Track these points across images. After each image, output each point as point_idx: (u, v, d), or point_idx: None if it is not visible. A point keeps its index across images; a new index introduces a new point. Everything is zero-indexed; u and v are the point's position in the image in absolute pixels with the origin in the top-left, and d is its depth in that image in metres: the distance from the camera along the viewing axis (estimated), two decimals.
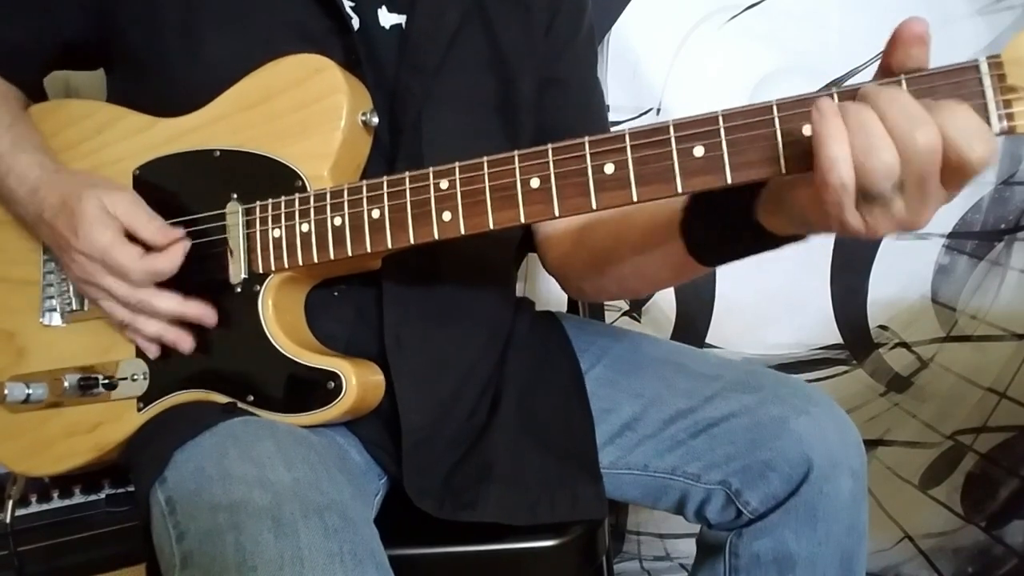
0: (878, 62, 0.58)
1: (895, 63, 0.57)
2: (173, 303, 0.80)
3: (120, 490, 1.15)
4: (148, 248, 0.80)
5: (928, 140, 0.52)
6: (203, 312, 0.80)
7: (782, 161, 0.60)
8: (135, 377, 0.83)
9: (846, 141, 0.54)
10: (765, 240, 0.67)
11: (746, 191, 0.65)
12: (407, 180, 0.74)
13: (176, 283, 0.81)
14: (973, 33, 1.41)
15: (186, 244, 0.80)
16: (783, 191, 0.62)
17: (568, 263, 0.95)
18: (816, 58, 1.41)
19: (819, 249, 1.51)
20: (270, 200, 0.79)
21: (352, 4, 0.85)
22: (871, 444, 1.57)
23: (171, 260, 0.79)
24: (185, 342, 0.81)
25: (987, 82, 0.55)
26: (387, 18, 0.86)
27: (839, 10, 1.42)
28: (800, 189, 0.60)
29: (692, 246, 0.73)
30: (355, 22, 0.85)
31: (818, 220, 0.59)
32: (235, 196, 0.81)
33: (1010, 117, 0.55)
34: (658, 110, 1.45)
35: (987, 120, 0.55)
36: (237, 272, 0.80)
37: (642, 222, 0.80)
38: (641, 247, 0.81)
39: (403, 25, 0.86)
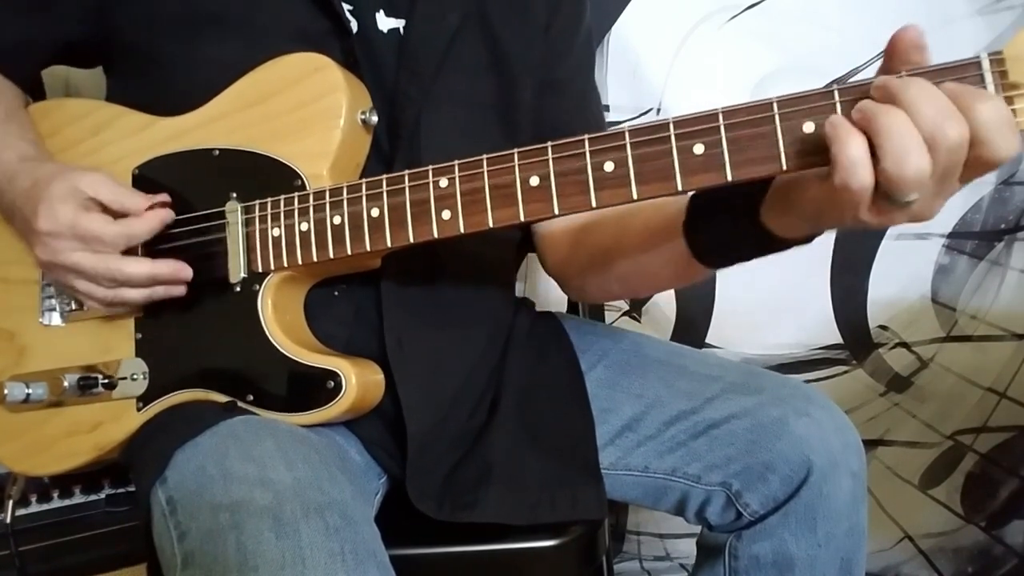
0: (878, 63, 0.58)
1: (894, 72, 0.56)
2: (145, 266, 0.79)
3: (120, 490, 1.15)
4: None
5: (959, 136, 0.52)
6: (177, 268, 0.80)
7: (783, 159, 0.60)
8: (135, 376, 0.83)
9: (863, 143, 0.54)
10: (770, 243, 0.66)
11: (752, 193, 0.65)
12: (406, 178, 0.73)
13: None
14: (973, 33, 1.41)
15: (168, 213, 0.80)
16: (791, 191, 0.62)
17: (568, 264, 0.95)
18: (816, 58, 1.41)
19: (819, 249, 1.48)
20: (269, 199, 0.79)
21: (350, 8, 0.85)
22: (871, 444, 1.57)
23: (148, 223, 0.79)
24: (177, 289, 0.81)
25: (988, 79, 0.55)
26: (385, 22, 0.86)
27: (839, 10, 1.42)
28: (811, 188, 0.60)
29: (695, 247, 0.72)
30: (353, 26, 0.84)
31: (832, 217, 0.59)
32: (234, 195, 0.81)
33: (1012, 114, 0.54)
34: (658, 110, 1.45)
35: None
36: (236, 271, 0.80)
37: (642, 222, 0.79)
38: (642, 247, 0.80)
39: (401, 30, 0.86)
